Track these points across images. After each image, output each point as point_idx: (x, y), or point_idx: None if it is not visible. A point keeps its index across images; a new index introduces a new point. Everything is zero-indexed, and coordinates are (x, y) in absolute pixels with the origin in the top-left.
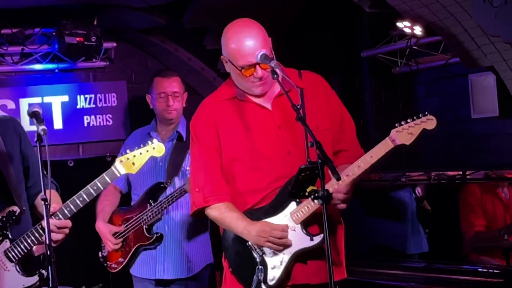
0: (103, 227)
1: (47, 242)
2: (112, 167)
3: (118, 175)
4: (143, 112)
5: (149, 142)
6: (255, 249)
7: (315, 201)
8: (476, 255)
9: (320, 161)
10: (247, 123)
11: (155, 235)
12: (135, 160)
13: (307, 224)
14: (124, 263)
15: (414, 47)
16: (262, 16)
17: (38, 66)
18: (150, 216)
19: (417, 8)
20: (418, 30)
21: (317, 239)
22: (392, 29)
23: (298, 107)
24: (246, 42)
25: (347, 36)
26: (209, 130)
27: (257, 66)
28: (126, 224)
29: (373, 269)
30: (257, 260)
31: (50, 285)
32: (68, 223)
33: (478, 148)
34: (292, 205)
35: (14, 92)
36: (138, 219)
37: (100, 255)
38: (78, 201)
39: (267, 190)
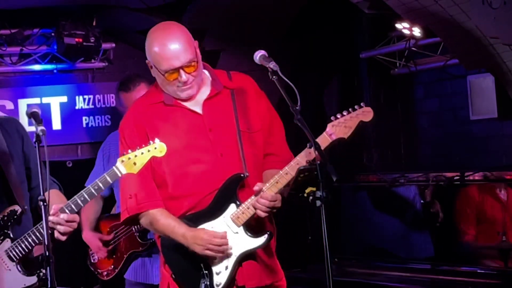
0: (91, 237)
1: (46, 242)
2: (114, 167)
3: (120, 175)
4: None
5: (151, 142)
6: (198, 255)
7: (316, 202)
8: (477, 256)
9: (319, 162)
10: (177, 127)
11: (149, 241)
12: (136, 160)
13: (249, 226)
14: (117, 271)
15: (413, 48)
16: (262, 17)
17: (36, 67)
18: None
19: (416, 9)
20: (417, 32)
21: (260, 240)
22: (391, 31)
23: (297, 108)
24: (169, 45)
25: (346, 37)
26: (138, 134)
27: (181, 71)
28: (115, 231)
29: (373, 270)
30: (202, 266)
31: (49, 286)
32: (76, 217)
33: (477, 150)
34: (232, 208)
35: (12, 92)
36: (129, 226)
37: (88, 262)
38: (79, 201)
39: (202, 193)
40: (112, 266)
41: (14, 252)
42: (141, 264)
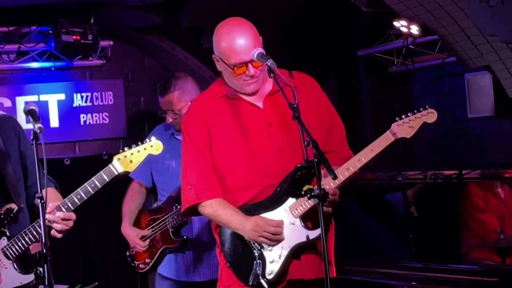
0: (129, 231)
1: (43, 240)
2: (110, 165)
3: (116, 173)
4: (139, 110)
5: (147, 140)
6: (253, 243)
7: (314, 199)
8: (475, 254)
9: (316, 160)
10: (238, 121)
11: (180, 239)
12: (132, 157)
13: (307, 219)
14: (151, 264)
15: (410, 46)
16: (259, 15)
17: (34, 64)
18: (175, 219)
19: (413, 7)
20: (414, 30)
21: (315, 233)
22: (389, 28)
23: (294, 105)
24: (238, 40)
25: (343, 35)
26: (200, 128)
27: (249, 64)
28: (152, 225)
29: (368, 268)
30: (256, 254)
31: (46, 283)
32: (72, 215)
33: (475, 148)
34: (291, 199)
35: (10, 90)
36: (164, 221)
37: (127, 253)
38: (75, 199)
39: (258, 187)
40: (147, 260)
41: (10, 250)
42: (174, 259)
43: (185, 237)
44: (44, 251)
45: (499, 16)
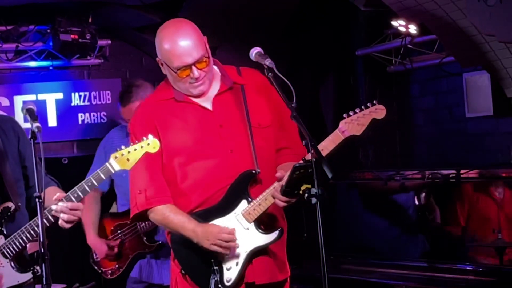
0: (97, 242)
1: (41, 240)
2: (107, 163)
3: (113, 171)
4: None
5: (144, 138)
6: (208, 251)
7: (312, 199)
8: (472, 254)
9: (314, 159)
10: (187, 123)
11: (155, 244)
12: (129, 156)
13: (260, 223)
14: (122, 270)
15: (409, 45)
16: (258, 14)
17: (32, 64)
18: (147, 224)
19: (412, 7)
20: (413, 29)
21: (271, 237)
22: (387, 28)
23: (292, 105)
24: (180, 42)
25: (341, 35)
26: (148, 131)
27: (193, 67)
28: (119, 232)
29: (368, 268)
30: (212, 260)
31: (44, 283)
32: (80, 205)
33: (473, 147)
34: (243, 204)
35: (8, 89)
36: (134, 227)
37: (91, 260)
38: (72, 198)
39: (211, 190)
40: (117, 266)
41: (7, 249)
42: (147, 263)
43: (160, 242)
44: (42, 251)
45: (497, 15)
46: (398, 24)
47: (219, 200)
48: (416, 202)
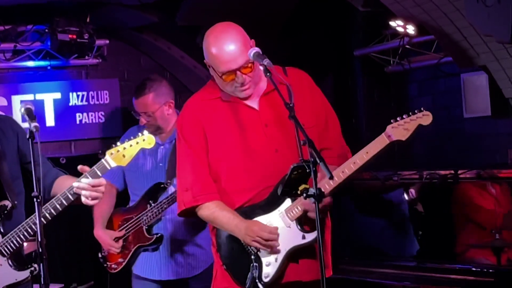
0: (102, 234)
1: (39, 239)
2: (103, 160)
3: (109, 168)
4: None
5: (139, 134)
6: (249, 246)
7: (307, 199)
8: (470, 254)
9: (312, 159)
10: (233, 122)
11: (155, 236)
12: (125, 152)
13: (303, 221)
14: (124, 263)
15: (406, 46)
16: (255, 15)
17: (30, 63)
18: (150, 216)
19: (410, 7)
20: (410, 29)
21: (311, 236)
22: (385, 28)
23: (290, 105)
24: (226, 48)
25: (339, 35)
26: (195, 129)
27: (238, 72)
28: (125, 225)
29: (366, 268)
30: (252, 257)
31: (42, 282)
32: (102, 181)
33: (470, 148)
34: (287, 202)
35: (6, 89)
36: (138, 219)
37: (100, 255)
38: (69, 195)
39: (255, 189)
40: (120, 259)
41: (5, 247)
42: (147, 259)
43: (159, 234)
44: (40, 250)
45: (495, 16)
46: (396, 24)
47: (265, 197)
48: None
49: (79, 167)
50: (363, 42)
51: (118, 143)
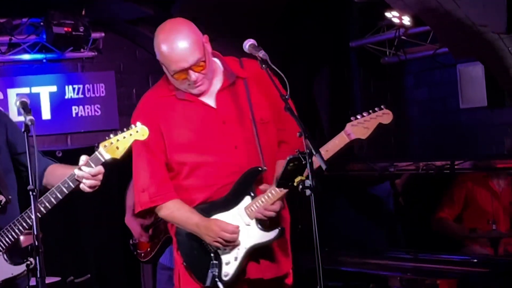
0: (131, 222)
1: (35, 232)
2: (96, 153)
3: (103, 160)
4: (131, 102)
5: (132, 126)
6: (209, 245)
7: (306, 191)
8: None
9: (308, 151)
10: (190, 121)
11: None
12: (119, 144)
13: (261, 219)
14: (153, 254)
15: (402, 37)
16: (251, 7)
17: (26, 56)
18: None
19: None
20: (406, 20)
21: (271, 234)
22: (381, 19)
23: (286, 97)
24: (176, 47)
25: (335, 27)
26: (151, 128)
27: (190, 71)
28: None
29: (361, 259)
30: (212, 255)
31: (38, 276)
32: (101, 169)
33: (467, 139)
34: (247, 200)
35: (1, 82)
36: None
37: (131, 242)
38: (63, 188)
39: (215, 186)
40: (149, 249)
41: (0, 242)
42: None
43: None
44: (36, 244)
45: (490, 6)
46: (392, 15)
47: (225, 194)
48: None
49: (82, 158)
50: (359, 33)
51: (111, 135)
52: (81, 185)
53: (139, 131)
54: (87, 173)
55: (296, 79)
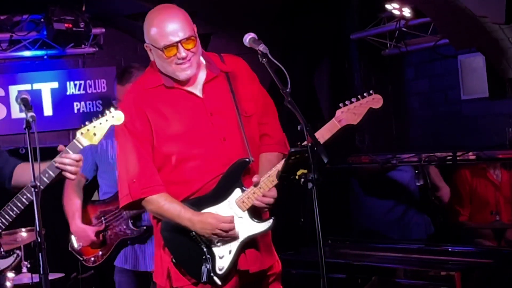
0: (82, 230)
1: (38, 229)
2: (74, 140)
3: (81, 147)
4: None
5: (107, 112)
6: (201, 239)
7: (308, 184)
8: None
9: (310, 144)
10: (178, 111)
11: (141, 228)
12: (96, 130)
13: (254, 212)
14: (105, 257)
15: (403, 29)
16: (251, 0)
17: (27, 53)
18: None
19: None
20: (407, 12)
21: (264, 225)
22: (381, 11)
23: (287, 90)
24: (167, 22)
25: (336, 19)
26: (139, 119)
27: (180, 46)
28: (104, 217)
29: (366, 252)
30: (204, 250)
31: (41, 272)
32: (81, 156)
33: (468, 130)
34: (237, 192)
35: (3, 79)
36: (119, 212)
37: (70, 248)
38: (51, 172)
39: (204, 179)
40: (100, 253)
41: None
42: (131, 251)
43: (145, 226)
44: (39, 240)
45: None
46: (392, 7)
47: (212, 188)
48: (416, 185)
49: (59, 147)
50: (359, 25)
51: (87, 122)
52: (65, 173)
53: (114, 116)
54: (71, 159)
55: (297, 72)
